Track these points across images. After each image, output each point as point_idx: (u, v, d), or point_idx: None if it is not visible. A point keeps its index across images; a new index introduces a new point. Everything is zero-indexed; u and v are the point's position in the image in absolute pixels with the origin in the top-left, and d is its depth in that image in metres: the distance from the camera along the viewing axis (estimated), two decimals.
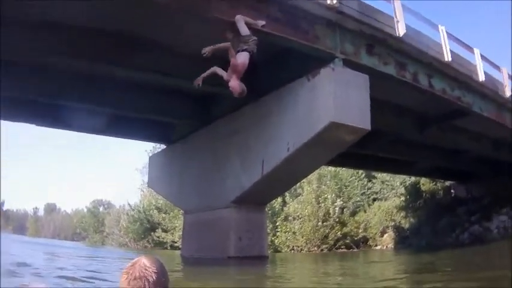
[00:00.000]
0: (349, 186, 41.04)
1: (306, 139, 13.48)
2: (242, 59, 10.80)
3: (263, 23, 12.04)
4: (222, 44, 10.59)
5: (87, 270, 13.16)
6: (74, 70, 15.83)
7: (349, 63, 13.83)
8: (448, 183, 37.84)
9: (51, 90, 16.08)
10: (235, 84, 10.62)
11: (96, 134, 22.50)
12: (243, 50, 10.95)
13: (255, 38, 11.17)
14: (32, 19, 12.27)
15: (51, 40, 12.82)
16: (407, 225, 36.75)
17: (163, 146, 24.44)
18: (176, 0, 11.10)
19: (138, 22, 12.86)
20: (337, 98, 12.92)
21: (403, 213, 37.85)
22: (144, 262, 2.86)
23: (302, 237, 37.29)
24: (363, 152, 24.37)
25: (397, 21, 15.00)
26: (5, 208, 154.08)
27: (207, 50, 10.44)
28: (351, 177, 41.56)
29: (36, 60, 14.59)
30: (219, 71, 11.12)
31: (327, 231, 36.93)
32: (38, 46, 12.92)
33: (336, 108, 12.83)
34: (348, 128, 13.23)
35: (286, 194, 37.79)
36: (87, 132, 22.22)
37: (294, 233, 37.81)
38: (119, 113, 19.08)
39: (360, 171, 41.93)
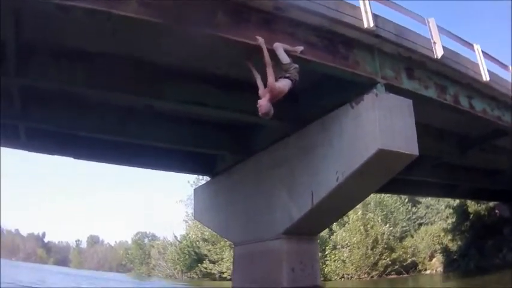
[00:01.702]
0: (394, 212, 40.41)
1: (354, 168, 12.64)
2: (282, 84, 10.08)
3: (301, 48, 11.25)
4: (267, 56, 10.06)
5: None
6: (110, 102, 15.30)
7: (390, 88, 12.99)
8: (492, 203, 36.77)
9: (88, 124, 15.45)
10: (264, 103, 9.98)
11: (135, 166, 22.17)
12: (284, 77, 10.17)
13: (296, 65, 10.41)
14: (64, 48, 11.69)
15: (84, 70, 12.19)
16: (454, 248, 35.94)
17: (206, 178, 23.64)
18: (210, 28, 10.34)
19: (170, 51, 12.19)
20: (382, 124, 12.09)
21: (450, 236, 37.13)
22: None
23: (352, 265, 36.90)
24: (405, 178, 23.33)
25: (434, 43, 14.13)
26: (46, 240, 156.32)
27: (260, 42, 10.18)
28: (396, 203, 40.95)
29: (72, 93, 13.92)
30: (259, 82, 10.47)
31: (376, 257, 36.47)
32: (71, 77, 12.17)
33: (382, 135, 12.01)
34: (396, 155, 12.35)
35: None
36: (126, 165, 21.74)
37: (344, 261, 37.37)
38: (160, 146, 18.39)
39: (404, 197, 41.33)
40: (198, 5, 10.12)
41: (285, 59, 10.44)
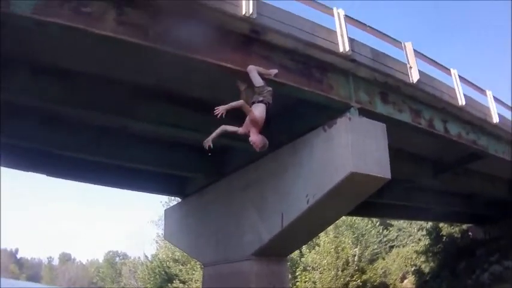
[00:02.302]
0: (365, 234, 40.60)
1: (325, 190, 12.67)
2: (259, 111, 10.19)
3: (275, 71, 11.34)
4: (235, 103, 9.93)
5: None
6: (86, 121, 15.28)
7: (364, 112, 13.12)
8: (465, 226, 37.06)
9: (61, 141, 15.33)
10: (256, 138, 10.11)
11: (108, 186, 21.87)
12: (258, 102, 10.30)
13: (269, 88, 10.56)
14: (42, 64, 11.67)
15: (61, 87, 12.18)
16: (427, 270, 36.15)
17: (178, 199, 23.62)
18: (186, 50, 10.37)
19: (148, 72, 12.24)
20: (355, 147, 12.19)
21: (422, 258, 37.37)
22: None
23: (322, 286, 36.73)
24: (377, 201, 23.44)
25: (410, 67, 14.30)
26: (19, 256, 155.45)
27: (220, 111, 9.73)
28: (367, 226, 41.16)
29: (48, 109, 13.88)
30: (230, 128, 10.49)
31: (346, 279, 36.43)
32: (49, 94, 12.17)
33: (354, 158, 12.08)
34: (368, 178, 12.43)
35: None
36: (99, 185, 21.48)
37: (314, 282, 37.30)
38: (132, 166, 18.37)
39: (375, 220, 41.57)
40: (175, 26, 10.17)
41: (258, 81, 10.55)
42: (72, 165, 17.67)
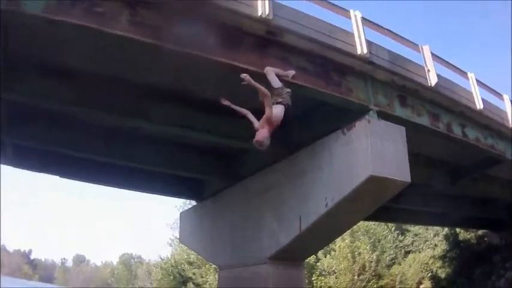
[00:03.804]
0: (381, 240, 40.36)
1: (344, 194, 12.54)
2: (277, 111, 10.05)
3: (293, 73, 11.23)
4: (262, 88, 9.82)
5: None
6: (96, 122, 15.11)
7: (383, 115, 12.97)
8: (481, 232, 36.71)
9: (72, 142, 15.21)
10: (263, 134, 9.92)
11: (122, 188, 21.51)
12: (277, 103, 10.14)
13: (288, 90, 10.43)
14: (51, 65, 11.56)
15: (73, 89, 12.06)
16: (443, 276, 35.83)
17: (193, 202, 23.51)
18: (201, 50, 10.28)
19: (160, 72, 12.06)
20: (374, 150, 12.04)
21: (438, 264, 36.99)
22: None
23: None
24: (394, 206, 23.20)
25: (428, 71, 14.16)
26: (32, 257, 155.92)
27: (247, 79, 9.69)
28: (384, 231, 40.95)
29: (57, 110, 13.74)
30: (251, 117, 10.36)
31: (363, 284, 36.20)
32: (58, 95, 12.08)
33: (374, 162, 11.95)
34: (388, 182, 12.30)
35: None
36: (112, 186, 21.31)
37: (330, 287, 37.03)
38: (144, 168, 18.19)
39: (391, 225, 41.38)
40: (189, 26, 10.06)
41: (276, 83, 10.44)
42: (85, 166, 17.58)
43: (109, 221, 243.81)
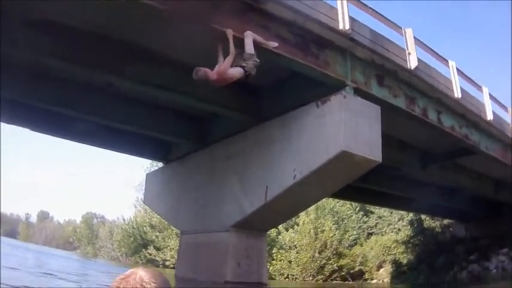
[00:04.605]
0: (345, 219, 40.70)
1: (314, 167, 12.58)
2: (235, 71, 10.12)
3: (276, 44, 11.21)
4: (233, 46, 10.07)
5: None
6: (72, 77, 14.88)
7: (359, 93, 12.98)
8: (446, 221, 37.18)
9: (47, 95, 15.07)
10: (209, 73, 10.05)
11: (91, 145, 21.77)
12: (240, 66, 10.17)
13: (257, 60, 10.35)
14: (33, 16, 11.31)
15: (51, 41, 11.84)
16: (405, 261, 36.25)
17: (160, 164, 23.49)
18: (181, 11, 10.23)
19: (140, 31, 11.95)
20: (348, 126, 12.08)
21: (401, 249, 37.36)
22: (141, 276, 2.15)
23: (297, 266, 37.13)
24: (362, 186, 23.34)
25: (409, 53, 14.21)
26: None
27: (229, 34, 10.20)
28: (348, 210, 41.27)
29: (37, 63, 13.52)
30: (226, 59, 10.19)
31: (323, 262, 36.71)
32: (38, 46, 11.88)
33: (346, 137, 11.99)
34: (359, 159, 12.29)
35: None
36: (81, 142, 21.21)
37: (290, 261, 37.61)
38: (115, 126, 18.08)
39: (355, 205, 41.67)
40: None
41: (250, 49, 10.43)
42: (56, 121, 17.48)
43: (75, 178, 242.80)
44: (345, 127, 12.04)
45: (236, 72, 10.14)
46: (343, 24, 12.17)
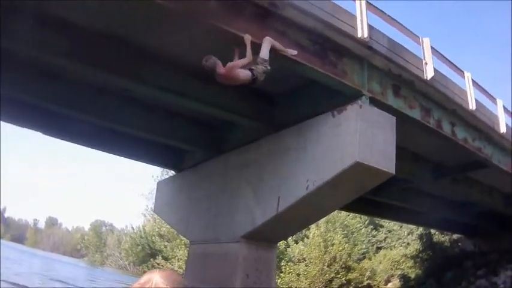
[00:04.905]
0: (355, 233, 40.59)
1: (327, 178, 12.39)
2: (240, 72, 9.97)
3: (295, 52, 11.03)
4: (250, 53, 9.96)
5: None
6: (86, 79, 14.70)
7: (375, 103, 12.84)
8: (455, 236, 37.00)
9: (59, 97, 14.90)
10: (222, 69, 9.89)
11: (103, 150, 21.33)
12: (249, 69, 10.03)
13: (268, 67, 10.21)
14: (47, 16, 11.21)
15: (65, 42, 11.62)
16: (413, 275, 36.11)
17: (171, 173, 23.35)
18: (198, 15, 10.16)
19: (157, 34, 11.84)
20: (363, 137, 11.90)
21: (409, 263, 37.23)
22: (157, 283, 2.11)
23: (306, 279, 36.84)
24: (373, 198, 23.21)
25: (426, 63, 14.02)
26: (6, 215, 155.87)
27: (247, 40, 10.15)
28: (358, 224, 41.22)
29: (48, 63, 13.37)
30: (241, 59, 10.16)
31: (332, 275, 36.53)
32: (51, 46, 11.67)
33: (361, 148, 11.80)
34: (372, 170, 12.14)
35: None
36: (94, 148, 20.78)
37: (298, 274, 37.44)
38: (127, 131, 17.92)
39: (364, 219, 41.64)
40: None
41: (265, 54, 10.28)
42: (69, 125, 17.21)
43: (85, 185, 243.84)
44: (360, 137, 11.88)
45: (243, 73, 9.98)
46: (362, 32, 12.04)
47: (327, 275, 36.53)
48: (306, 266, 37.41)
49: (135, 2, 9.87)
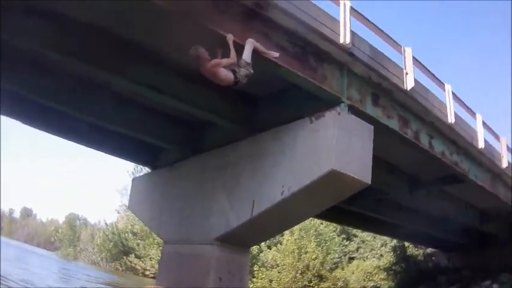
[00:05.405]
0: (328, 241, 40.59)
1: (303, 185, 12.32)
2: (223, 72, 10.01)
3: (276, 54, 10.97)
4: (233, 53, 10.00)
5: None
6: (67, 69, 14.37)
7: (353, 111, 12.76)
8: (429, 250, 37.09)
9: (39, 87, 14.71)
10: (208, 63, 10.02)
11: (79, 143, 20.74)
12: (232, 70, 10.03)
13: (250, 71, 10.21)
14: (37, 6, 11.04)
15: (53, 32, 11.50)
16: (385, 287, 35.98)
17: (146, 169, 23.19)
18: (184, 13, 10.06)
19: (146, 31, 11.74)
20: (340, 144, 11.84)
21: (382, 275, 37.30)
22: None
23: (278, 286, 36.71)
24: (347, 208, 23.13)
25: (406, 74, 14.02)
26: None
27: (229, 40, 10.14)
28: (331, 233, 41.25)
29: (38, 55, 13.23)
30: (220, 55, 10.35)
31: (304, 283, 36.45)
32: (40, 36, 11.53)
33: (337, 156, 11.72)
34: (348, 179, 12.04)
35: None
36: (71, 140, 20.26)
37: (271, 280, 37.40)
38: (104, 125, 17.53)
39: (337, 227, 41.74)
40: None
41: (247, 56, 10.24)
42: (48, 115, 17.06)
43: (60, 177, 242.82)
44: (336, 145, 11.81)
45: (224, 73, 9.99)
46: (344, 37, 11.97)
47: (300, 283, 36.53)
48: (278, 272, 37.42)
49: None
